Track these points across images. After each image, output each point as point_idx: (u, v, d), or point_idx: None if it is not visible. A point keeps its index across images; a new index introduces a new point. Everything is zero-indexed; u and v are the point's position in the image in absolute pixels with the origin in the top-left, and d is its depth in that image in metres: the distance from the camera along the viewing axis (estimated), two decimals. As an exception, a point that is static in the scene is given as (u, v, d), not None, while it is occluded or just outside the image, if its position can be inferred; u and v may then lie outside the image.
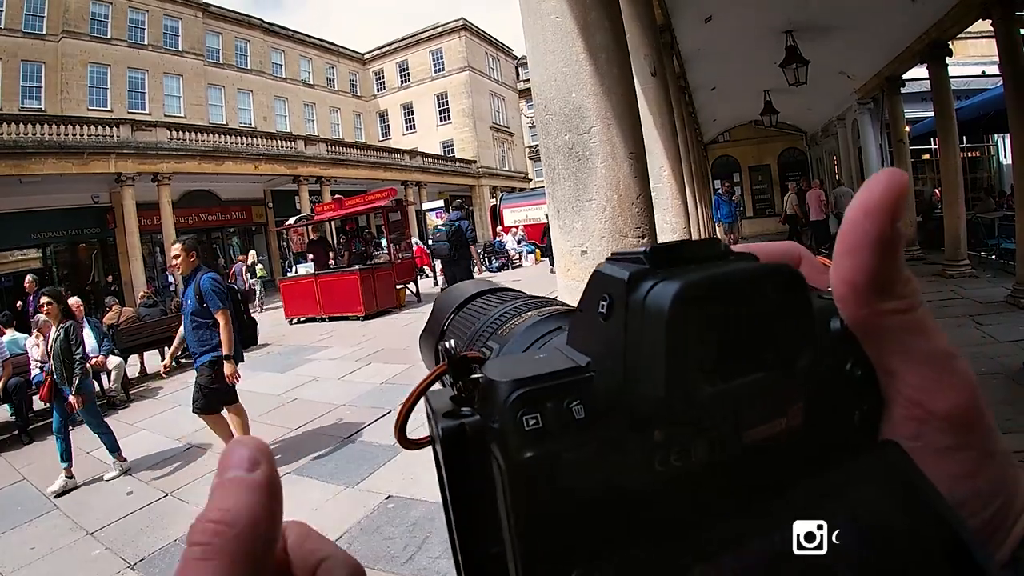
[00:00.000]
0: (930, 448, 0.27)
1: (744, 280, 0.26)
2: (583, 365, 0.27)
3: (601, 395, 0.26)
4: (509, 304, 0.49)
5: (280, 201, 27.67)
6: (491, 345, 0.44)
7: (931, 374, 0.28)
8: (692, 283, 0.24)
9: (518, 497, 0.25)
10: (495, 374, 0.26)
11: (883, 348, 0.28)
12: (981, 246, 11.41)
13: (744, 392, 0.26)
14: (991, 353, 5.74)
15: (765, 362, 0.26)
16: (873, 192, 0.27)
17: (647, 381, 0.24)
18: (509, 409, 0.25)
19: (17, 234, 20.01)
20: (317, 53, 39.91)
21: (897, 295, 0.28)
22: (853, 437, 0.29)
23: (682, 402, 0.24)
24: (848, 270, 0.28)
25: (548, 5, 2.34)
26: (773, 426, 0.27)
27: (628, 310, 0.25)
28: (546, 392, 0.25)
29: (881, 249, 0.27)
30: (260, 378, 8.98)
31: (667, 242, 0.29)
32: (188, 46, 30.15)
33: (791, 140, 24.92)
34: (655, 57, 5.35)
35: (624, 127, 2.33)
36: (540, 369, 0.26)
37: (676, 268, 0.26)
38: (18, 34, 23.59)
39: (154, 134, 20.81)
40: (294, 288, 15.13)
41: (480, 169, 41.37)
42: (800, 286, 0.27)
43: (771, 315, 0.26)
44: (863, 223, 0.27)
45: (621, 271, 0.27)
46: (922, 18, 9.58)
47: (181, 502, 4.99)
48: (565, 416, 0.25)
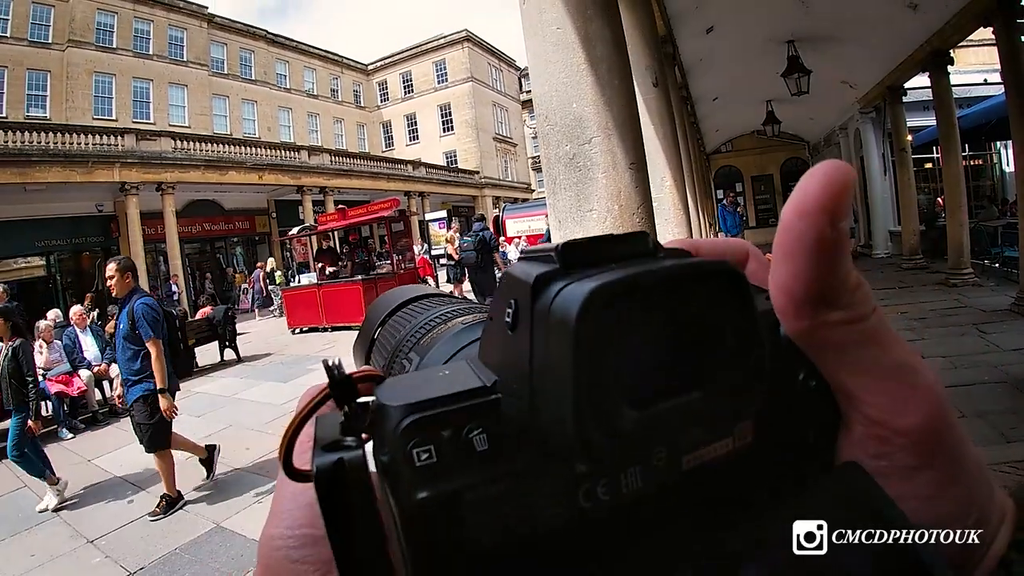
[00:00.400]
0: (894, 468, 0.25)
1: (671, 280, 0.22)
2: (488, 385, 0.24)
3: (509, 421, 0.23)
4: (438, 310, 0.44)
5: (284, 211, 27.71)
6: (411, 357, 0.39)
7: (890, 390, 0.25)
8: (605, 285, 0.21)
9: (415, 545, 0.21)
10: (387, 396, 0.23)
11: (834, 363, 0.26)
12: (984, 254, 11.40)
13: (676, 416, 0.22)
14: (995, 362, 5.71)
15: (700, 379, 0.22)
16: (808, 190, 0.24)
17: (555, 407, 0.21)
18: (399, 440, 0.21)
19: (21, 242, 20.05)
20: (321, 64, 40.13)
21: (843, 305, 0.25)
22: (808, 457, 0.26)
23: (597, 432, 0.20)
24: (784, 277, 0.25)
25: (549, 16, 2.34)
26: (717, 448, 0.24)
27: (533, 319, 0.22)
28: (442, 419, 0.22)
29: (819, 254, 0.24)
30: (262, 388, 9.00)
31: (584, 238, 0.25)
32: (193, 56, 30.33)
33: (793, 150, 24.90)
34: (657, 68, 5.36)
35: (625, 137, 2.33)
36: (438, 390, 0.23)
37: (592, 269, 0.22)
38: (24, 43, 23.75)
39: (158, 143, 20.88)
40: (297, 298, 15.14)
41: (483, 180, 41.45)
42: (739, 286, 0.23)
43: (705, 322, 0.23)
44: (798, 226, 0.24)
45: (528, 272, 0.23)
46: (923, 27, 9.60)
47: (182, 511, 4.98)
48: (464, 447, 0.22)
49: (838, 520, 0.23)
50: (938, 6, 8.73)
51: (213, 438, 6.67)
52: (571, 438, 0.20)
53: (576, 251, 0.23)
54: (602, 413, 0.20)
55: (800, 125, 20.58)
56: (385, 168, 32.35)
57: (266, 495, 4.93)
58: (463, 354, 0.35)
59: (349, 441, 0.23)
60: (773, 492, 0.25)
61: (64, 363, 8.18)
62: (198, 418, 7.70)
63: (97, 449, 6.73)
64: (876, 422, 0.25)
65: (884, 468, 0.25)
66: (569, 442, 0.20)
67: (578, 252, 0.23)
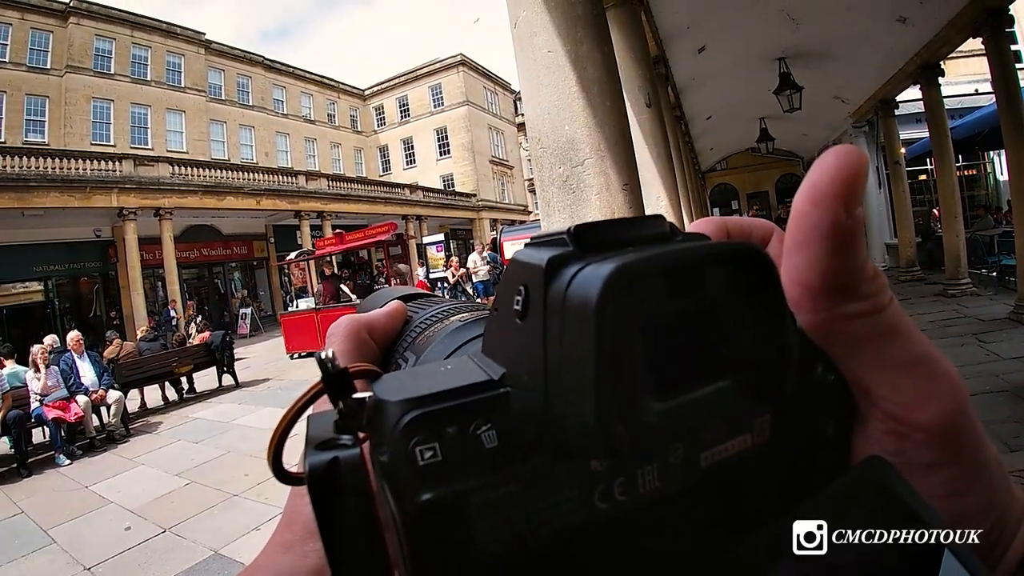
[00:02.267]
0: (913, 464, 0.24)
1: (694, 262, 0.21)
2: (495, 379, 0.22)
3: (519, 416, 0.21)
4: (433, 309, 0.43)
5: (282, 236, 27.75)
6: (407, 357, 0.37)
7: (910, 383, 0.24)
8: (626, 266, 0.19)
9: (417, 551, 0.19)
10: (386, 392, 0.22)
11: (851, 357, 0.24)
12: (981, 264, 11.42)
13: (700, 407, 0.21)
14: (996, 371, 5.70)
15: (724, 368, 0.21)
16: (822, 175, 0.23)
17: (573, 400, 0.19)
18: (399, 437, 0.20)
19: (19, 267, 20.05)
20: (318, 89, 40.44)
21: (861, 295, 0.24)
22: (827, 452, 0.25)
23: (620, 427, 0.19)
24: (799, 269, 0.24)
25: (540, 40, 2.37)
26: (736, 444, 0.22)
27: (547, 305, 0.20)
28: (446, 414, 0.20)
29: (836, 242, 0.23)
30: (261, 413, 8.94)
31: (598, 220, 0.23)
32: (191, 82, 30.57)
33: (788, 166, 25.06)
34: (649, 88, 5.41)
35: (618, 158, 2.34)
36: (441, 385, 0.21)
37: (609, 252, 0.21)
38: (22, 68, 23.98)
39: (156, 169, 20.95)
40: (295, 323, 15.11)
41: (480, 202, 41.54)
42: (766, 269, 0.22)
43: (730, 308, 0.21)
44: (812, 213, 0.23)
45: (539, 256, 0.21)
46: (913, 40, 9.69)
47: (179, 538, 4.91)
48: (471, 445, 0.20)
49: (868, 519, 0.22)
50: (927, 19, 8.82)
51: (211, 464, 6.66)
52: (592, 431, 0.19)
53: (590, 233, 0.22)
54: (625, 404, 0.19)
55: (794, 141, 20.72)
56: (382, 192, 32.43)
57: (265, 523, 4.88)
58: (463, 351, 0.33)
59: (344, 439, 0.22)
60: (793, 489, 0.23)
61: (61, 389, 8.13)
62: (196, 444, 7.64)
63: (95, 475, 6.66)
64: (894, 417, 0.24)
65: (902, 464, 0.24)
66: (589, 436, 0.19)
67: (592, 234, 0.22)
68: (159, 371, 10.80)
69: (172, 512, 5.52)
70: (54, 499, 5.76)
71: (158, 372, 10.78)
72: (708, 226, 0.30)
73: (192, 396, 11.31)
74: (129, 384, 10.03)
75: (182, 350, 11.81)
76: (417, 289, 0.53)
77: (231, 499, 5.58)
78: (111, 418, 8.64)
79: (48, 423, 7.69)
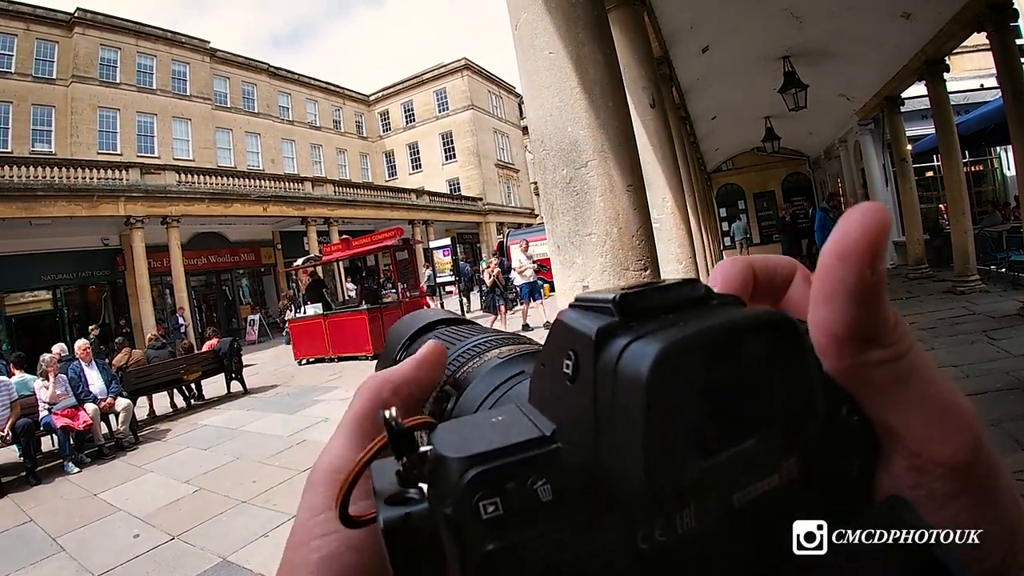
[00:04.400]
0: (932, 496, 0.25)
1: (733, 335, 0.23)
2: (548, 435, 0.24)
3: (570, 471, 0.23)
4: (469, 341, 0.45)
5: (289, 242, 27.84)
6: (447, 391, 0.40)
7: (929, 422, 0.25)
8: (675, 344, 0.21)
9: None
10: (446, 447, 0.23)
11: (874, 400, 0.26)
12: (990, 260, 11.32)
13: (736, 462, 0.22)
14: (1006, 368, 5.64)
15: (760, 425, 0.23)
16: (849, 234, 0.24)
17: (623, 461, 0.21)
18: (463, 493, 0.21)
19: (28, 276, 20.21)
20: (323, 95, 40.63)
21: (883, 343, 0.25)
22: (851, 488, 0.26)
23: (666, 485, 0.21)
24: (826, 320, 0.25)
25: (541, 41, 2.36)
26: (766, 484, 0.24)
27: (597, 374, 0.22)
28: (506, 471, 0.22)
29: (861, 297, 0.24)
30: (269, 419, 8.95)
31: (638, 286, 0.25)
32: (196, 90, 30.77)
33: (794, 165, 24.95)
34: (653, 88, 5.39)
35: (621, 160, 2.32)
36: (498, 440, 0.23)
37: (651, 320, 0.23)
38: (28, 78, 24.21)
39: (163, 177, 21.08)
40: (303, 329, 15.14)
41: (486, 206, 41.59)
42: (795, 337, 0.24)
43: (765, 372, 0.23)
44: (838, 270, 0.24)
45: (587, 324, 0.23)
46: (917, 36, 9.65)
47: (188, 545, 4.91)
48: (530, 499, 0.22)
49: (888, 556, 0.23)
50: (931, 14, 8.78)
51: (220, 471, 6.67)
52: (642, 490, 0.21)
53: (633, 301, 0.24)
54: (671, 467, 0.21)
55: (800, 140, 20.66)
56: (388, 197, 32.54)
57: (273, 530, 4.88)
58: (507, 395, 0.35)
59: (412, 493, 0.24)
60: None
61: (70, 397, 8.16)
62: (205, 451, 7.67)
63: (103, 483, 6.68)
64: (915, 454, 0.25)
65: (921, 497, 0.25)
66: (639, 494, 0.21)
67: (635, 303, 0.23)
68: (167, 378, 10.84)
69: (180, 519, 5.53)
70: (63, 507, 5.78)
71: (166, 379, 10.82)
72: (735, 268, 0.31)
73: (200, 403, 11.35)
74: (138, 391, 10.07)
75: (190, 357, 11.86)
76: (448, 313, 0.54)
77: (239, 506, 5.59)
78: (120, 425, 8.67)
79: (57, 431, 7.73)
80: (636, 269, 2.32)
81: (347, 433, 0.35)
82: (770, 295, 0.32)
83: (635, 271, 2.32)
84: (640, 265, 2.34)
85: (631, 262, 2.32)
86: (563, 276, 2.42)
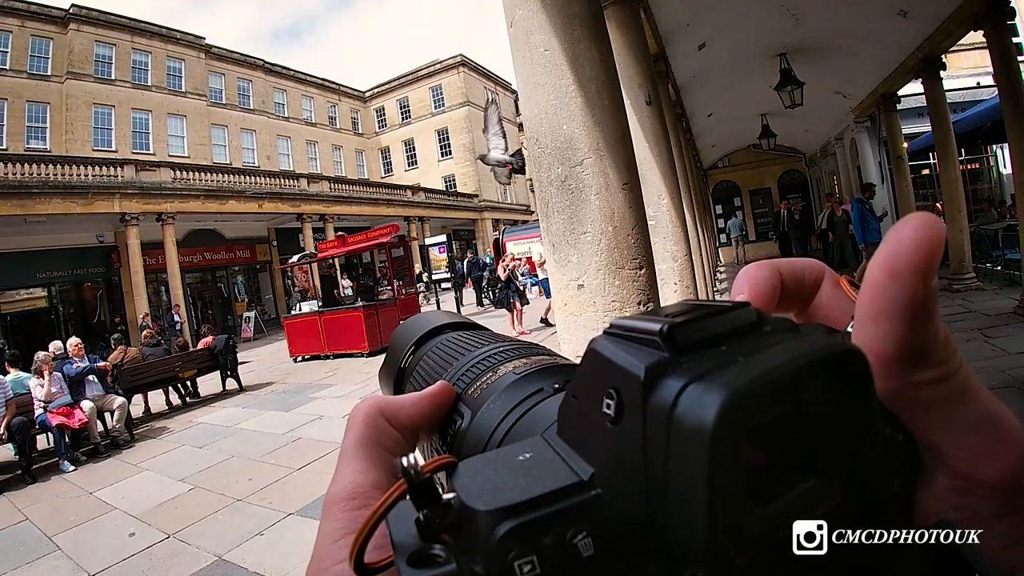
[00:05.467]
0: (975, 517, 0.24)
1: (801, 374, 0.21)
2: (586, 480, 0.21)
3: (612, 520, 0.21)
4: (479, 351, 0.42)
5: (284, 239, 27.80)
6: (461, 410, 0.37)
7: (976, 442, 0.24)
8: (740, 391, 0.19)
9: None
10: (472, 496, 0.21)
11: (920, 419, 0.25)
12: (986, 258, 11.36)
13: (794, 506, 0.20)
14: (1002, 366, 5.66)
15: (820, 464, 0.21)
16: (902, 249, 0.22)
17: (681, 517, 0.19)
18: (496, 551, 0.19)
19: (23, 273, 20.12)
20: (318, 92, 40.52)
21: (933, 363, 0.24)
22: (892, 508, 0.24)
23: (727, 540, 0.19)
24: (874, 340, 0.24)
25: (536, 39, 2.34)
26: (812, 514, 0.22)
27: (647, 418, 0.20)
28: (542, 524, 0.20)
29: (912, 316, 0.23)
30: (265, 417, 8.94)
31: (686, 310, 0.23)
32: (191, 87, 30.66)
33: (790, 162, 24.97)
34: (649, 86, 5.38)
35: (617, 158, 2.31)
36: (531, 487, 0.21)
37: (703, 353, 0.21)
38: (23, 75, 24.10)
39: (158, 174, 21.01)
40: (298, 326, 15.08)
41: (482, 203, 41.56)
42: (863, 371, 0.22)
43: (829, 408, 0.21)
44: (889, 288, 0.23)
45: (632, 360, 0.21)
46: (914, 34, 9.65)
47: (184, 544, 4.90)
48: (569, 554, 0.20)
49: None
50: (928, 12, 8.78)
51: (215, 469, 6.65)
52: (702, 546, 0.19)
53: (684, 334, 0.21)
54: (733, 520, 0.19)
55: (796, 137, 20.66)
56: (384, 194, 32.50)
57: (269, 528, 4.87)
58: (527, 417, 0.33)
59: (436, 550, 0.22)
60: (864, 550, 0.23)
61: (65, 395, 8.13)
62: (200, 449, 7.65)
63: (99, 482, 6.66)
64: (960, 474, 0.24)
65: (964, 518, 0.24)
66: (698, 550, 0.19)
67: (686, 334, 0.21)
68: (163, 376, 10.81)
69: (176, 517, 5.51)
70: (58, 505, 5.76)
71: (162, 377, 10.79)
72: (762, 274, 0.29)
73: (196, 400, 11.31)
74: (133, 389, 10.04)
75: (186, 355, 11.82)
76: (455, 316, 0.52)
77: (235, 504, 5.57)
78: (115, 423, 8.65)
79: (52, 429, 7.70)
80: (631, 268, 2.31)
81: (354, 459, 0.33)
82: (798, 301, 0.31)
83: (630, 270, 2.31)
84: (635, 264, 2.33)
85: (626, 261, 2.31)
86: (558, 275, 2.41)
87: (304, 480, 5.99)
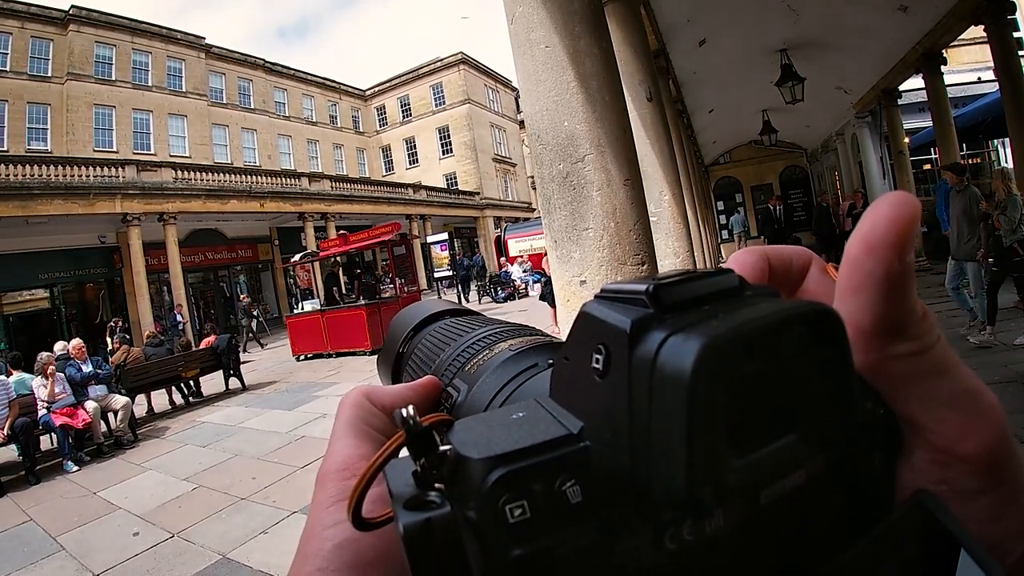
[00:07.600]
0: (955, 492, 0.25)
1: (776, 328, 0.22)
2: (575, 432, 0.22)
3: (600, 471, 0.21)
4: (476, 332, 0.43)
5: (286, 238, 27.84)
6: (457, 385, 0.38)
7: (955, 417, 0.25)
8: (718, 339, 0.20)
9: None
10: (467, 447, 0.22)
11: (899, 393, 0.25)
12: (987, 253, 11.30)
13: (771, 460, 0.21)
14: (1003, 361, 5.67)
15: (798, 420, 0.22)
16: (877, 224, 0.24)
17: (662, 463, 0.20)
18: (488, 496, 0.20)
19: (25, 274, 20.16)
20: (319, 91, 40.53)
21: (910, 336, 0.25)
22: (874, 482, 0.25)
23: (707, 487, 0.20)
24: (852, 312, 0.24)
25: (537, 35, 2.34)
26: (792, 480, 0.23)
27: (632, 370, 0.21)
28: (533, 471, 0.21)
29: (888, 289, 0.24)
30: (268, 416, 8.95)
31: (672, 274, 0.24)
32: (192, 87, 30.67)
33: (792, 158, 24.96)
34: (650, 82, 5.38)
35: (618, 154, 2.31)
36: (522, 440, 0.22)
37: (687, 312, 0.22)
38: (24, 76, 24.15)
39: (159, 174, 21.04)
40: (301, 324, 15.11)
41: (484, 200, 41.54)
42: (838, 329, 0.23)
43: (805, 365, 0.22)
44: (866, 262, 0.24)
45: (620, 317, 0.22)
46: (914, 29, 9.65)
47: (188, 543, 4.91)
48: (558, 501, 0.21)
49: (918, 553, 0.23)
50: (928, 7, 8.77)
51: (218, 468, 6.66)
52: (682, 494, 0.20)
53: (669, 292, 0.22)
54: (712, 469, 0.20)
55: (797, 133, 20.66)
56: (386, 192, 32.51)
57: (273, 526, 4.88)
58: (522, 388, 0.34)
59: (432, 496, 0.23)
60: (842, 516, 0.24)
61: (69, 395, 8.15)
62: (203, 448, 7.66)
63: (102, 482, 6.68)
64: (939, 448, 0.25)
65: (944, 493, 0.24)
66: (677, 498, 0.20)
67: (671, 293, 0.22)
68: (166, 376, 10.83)
69: (180, 517, 5.52)
70: (62, 506, 5.77)
71: (165, 377, 10.81)
72: (752, 257, 0.30)
73: (199, 400, 11.33)
74: (136, 389, 10.06)
75: (188, 354, 11.82)
76: (452, 304, 0.53)
77: (239, 503, 5.58)
78: (119, 423, 8.67)
79: (55, 430, 7.72)
80: (633, 264, 2.32)
81: (344, 436, 0.34)
82: (785, 286, 0.31)
83: (632, 266, 2.31)
84: (637, 260, 2.33)
85: (628, 257, 2.31)
86: (560, 271, 2.41)
87: (308, 478, 5.99)
